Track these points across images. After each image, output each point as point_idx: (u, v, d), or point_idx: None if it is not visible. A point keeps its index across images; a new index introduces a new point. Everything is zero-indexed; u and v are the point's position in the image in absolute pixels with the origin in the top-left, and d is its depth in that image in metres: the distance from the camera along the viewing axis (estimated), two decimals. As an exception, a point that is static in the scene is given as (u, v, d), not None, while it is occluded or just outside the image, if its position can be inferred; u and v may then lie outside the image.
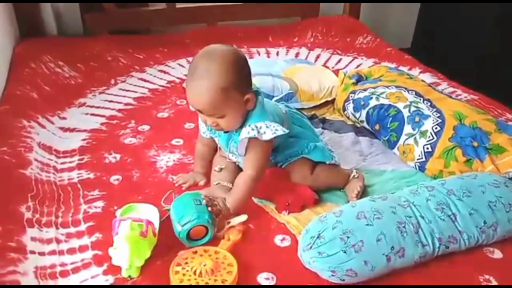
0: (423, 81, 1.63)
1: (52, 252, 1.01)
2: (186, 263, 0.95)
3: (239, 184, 1.12)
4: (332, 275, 0.94)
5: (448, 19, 2.58)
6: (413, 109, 1.40)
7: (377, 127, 1.46)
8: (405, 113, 1.40)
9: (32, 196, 1.15)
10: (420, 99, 1.44)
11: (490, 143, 1.26)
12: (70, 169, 1.30)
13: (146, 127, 1.53)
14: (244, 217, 1.08)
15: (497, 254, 1.06)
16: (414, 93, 1.47)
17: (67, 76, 1.84)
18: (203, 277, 0.92)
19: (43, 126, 1.48)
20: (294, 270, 0.98)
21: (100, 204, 1.16)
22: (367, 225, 0.96)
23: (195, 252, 0.99)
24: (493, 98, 1.74)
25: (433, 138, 1.32)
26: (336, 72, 1.82)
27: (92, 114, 1.60)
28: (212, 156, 1.28)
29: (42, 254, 1.00)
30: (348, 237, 0.94)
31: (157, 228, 1.03)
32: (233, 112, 1.06)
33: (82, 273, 0.96)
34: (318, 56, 2.16)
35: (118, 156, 1.37)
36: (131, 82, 1.85)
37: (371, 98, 1.50)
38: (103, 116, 1.59)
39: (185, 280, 0.91)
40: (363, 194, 1.20)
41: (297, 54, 2.19)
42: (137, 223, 0.97)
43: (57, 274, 0.96)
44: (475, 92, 1.79)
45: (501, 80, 2.31)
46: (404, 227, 0.97)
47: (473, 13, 2.40)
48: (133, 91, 1.78)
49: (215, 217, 1.06)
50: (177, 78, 1.91)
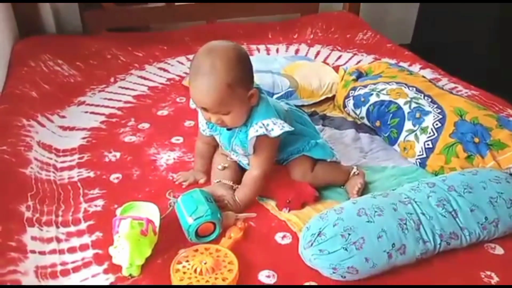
0: (424, 77, 1.62)
1: (53, 251, 1.01)
2: (187, 261, 0.95)
3: (248, 182, 1.14)
4: (333, 273, 0.94)
5: (448, 15, 2.57)
6: (414, 105, 1.39)
7: (378, 124, 1.46)
8: (406, 110, 1.39)
9: (32, 195, 1.15)
10: (421, 95, 1.43)
11: (491, 139, 1.26)
12: (70, 168, 1.30)
13: (146, 125, 1.53)
14: (253, 214, 1.10)
15: (499, 250, 1.06)
16: (415, 89, 1.46)
17: (67, 75, 1.83)
18: (204, 275, 0.92)
19: (43, 125, 1.48)
20: (295, 268, 0.98)
21: (100, 203, 1.16)
22: (368, 222, 0.96)
23: (196, 250, 0.98)
24: (493, 94, 1.74)
25: (434, 134, 1.31)
26: (336, 69, 1.82)
27: (92, 113, 1.60)
28: (212, 154, 1.27)
29: (43, 253, 1.00)
30: (349, 234, 0.94)
31: (158, 227, 1.03)
32: (238, 108, 1.06)
33: (83, 272, 0.96)
34: (318, 53, 2.16)
35: (118, 155, 1.36)
36: (131, 80, 1.85)
37: (372, 95, 1.50)
38: (103, 115, 1.59)
39: (186, 278, 0.91)
40: (364, 191, 1.20)
41: (297, 51, 2.18)
42: (137, 222, 0.97)
43: (58, 273, 0.96)
44: (476, 88, 1.78)
45: (501, 76, 2.30)
46: (405, 224, 0.97)
47: (473, 9, 2.39)
48: (133, 89, 1.78)
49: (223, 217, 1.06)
50: (177, 76, 1.90)
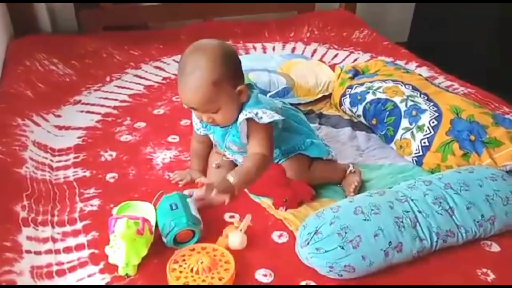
0: (420, 75, 1.62)
1: (48, 251, 1.01)
2: (184, 261, 0.95)
3: (249, 161, 1.03)
4: (330, 271, 0.94)
5: (445, 13, 2.57)
6: (410, 103, 1.39)
7: (374, 122, 1.46)
8: (402, 108, 1.39)
9: (28, 195, 1.14)
10: (417, 93, 1.43)
11: (487, 137, 1.26)
12: (66, 167, 1.29)
13: (142, 124, 1.52)
14: (249, 217, 1.06)
15: (495, 248, 1.06)
16: (411, 87, 1.46)
17: (62, 74, 1.82)
18: (200, 275, 0.92)
19: (38, 124, 1.47)
20: (292, 266, 0.98)
21: (96, 202, 1.16)
22: (365, 220, 0.96)
23: (193, 250, 0.98)
24: (490, 92, 1.74)
25: (430, 132, 1.31)
26: (333, 67, 1.81)
27: (88, 112, 1.59)
28: (208, 153, 1.27)
29: (38, 254, 0.99)
30: (346, 233, 0.94)
31: (154, 226, 1.02)
32: (227, 106, 1.05)
33: (79, 272, 0.96)
34: (315, 51, 2.15)
35: (114, 154, 1.36)
36: (127, 79, 1.84)
37: (368, 93, 1.50)
38: (99, 114, 1.58)
39: (182, 278, 0.91)
40: (361, 189, 1.20)
41: (294, 49, 2.18)
42: (133, 221, 0.97)
43: (54, 274, 0.95)
44: (472, 86, 1.79)
45: (501, 76, 2.30)
46: (402, 222, 0.97)
47: (473, 9, 2.39)
48: (129, 88, 1.77)
49: (197, 212, 1.04)
50: (173, 75, 1.89)
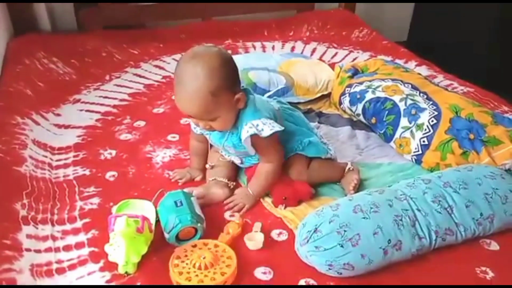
0: (419, 74, 1.62)
1: (48, 250, 1.01)
2: (186, 256, 0.95)
3: (261, 174, 1.15)
4: (329, 269, 0.94)
5: (444, 13, 2.57)
6: (409, 102, 1.39)
7: (373, 121, 1.46)
8: (401, 106, 1.40)
9: (27, 194, 1.14)
10: (416, 92, 1.43)
11: (486, 135, 1.26)
12: (66, 166, 1.30)
13: (142, 123, 1.52)
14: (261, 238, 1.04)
15: (494, 246, 1.06)
16: (410, 86, 1.46)
17: (61, 73, 1.82)
18: (202, 270, 0.92)
19: (38, 123, 1.47)
20: (291, 264, 0.98)
21: (96, 201, 1.16)
22: (364, 219, 0.96)
23: (194, 246, 0.99)
24: (490, 90, 1.74)
25: (430, 131, 1.31)
26: (332, 66, 1.82)
27: (87, 111, 1.59)
28: (207, 152, 1.27)
29: (38, 252, 0.99)
30: (345, 231, 0.94)
31: (153, 224, 1.03)
32: (225, 114, 1.05)
33: (79, 270, 0.96)
34: (314, 50, 2.15)
35: (114, 152, 1.36)
36: (126, 78, 1.84)
37: (367, 92, 1.50)
38: (98, 112, 1.58)
39: (184, 273, 0.92)
40: (360, 187, 1.20)
41: (293, 48, 2.18)
42: (133, 219, 0.97)
43: (53, 272, 0.95)
44: (471, 85, 1.79)
45: (501, 76, 2.30)
46: (401, 220, 0.97)
47: (473, 9, 2.39)
48: (128, 87, 1.77)
49: (200, 211, 1.05)
50: (172, 74, 1.87)
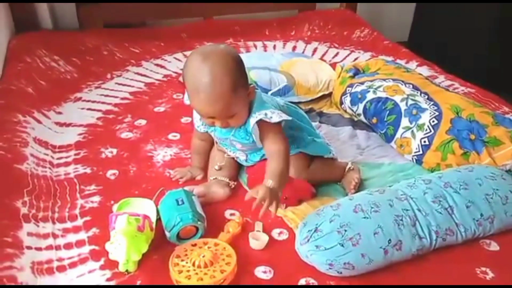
0: (420, 74, 1.62)
1: (49, 247, 1.01)
2: (186, 255, 0.96)
3: (274, 159, 1.04)
4: (330, 268, 0.94)
5: (445, 13, 2.57)
6: (410, 102, 1.39)
7: (374, 121, 1.46)
8: (402, 106, 1.40)
9: (28, 191, 1.14)
10: (417, 92, 1.43)
11: (487, 136, 1.26)
12: (67, 164, 1.30)
13: (143, 122, 1.52)
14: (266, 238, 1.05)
15: (494, 246, 1.06)
16: (411, 86, 1.46)
17: (63, 71, 1.82)
18: (202, 268, 0.92)
19: (39, 121, 1.47)
20: (292, 264, 0.98)
21: (97, 199, 1.16)
22: (364, 218, 0.96)
23: (194, 245, 0.99)
24: (490, 91, 1.74)
25: (430, 131, 1.32)
26: (333, 66, 1.82)
27: (89, 109, 1.59)
28: (209, 150, 1.27)
29: (39, 249, 1.00)
30: (346, 230, 0.94)
31: (154, 223, 1.03)
32: (242, 108, 1.07)
33: (79, 268, 0.96)
34: (315, 50, 2.16)
35: (115, 151, 1.36)
36: (127, 76, 1.84)
37: (368, 92, 1.50)
38: (100, 111, 1.58)
39: (184, 272, 0.92)
40: (361, 187, 1.21)
41: (294, 48, 2.18)
42: (134, 218, 0.97)
43: (54, 269, 0.96)
44: (472, 85, 1.79)
45: (501, 76, 2.30)
46: (401, 220, 0.97)
47: (473, 9, 2.39)
48: (130, 86, 1.77)
49: (202, 210, 1.05)
50: (173, 72, 1.90)
